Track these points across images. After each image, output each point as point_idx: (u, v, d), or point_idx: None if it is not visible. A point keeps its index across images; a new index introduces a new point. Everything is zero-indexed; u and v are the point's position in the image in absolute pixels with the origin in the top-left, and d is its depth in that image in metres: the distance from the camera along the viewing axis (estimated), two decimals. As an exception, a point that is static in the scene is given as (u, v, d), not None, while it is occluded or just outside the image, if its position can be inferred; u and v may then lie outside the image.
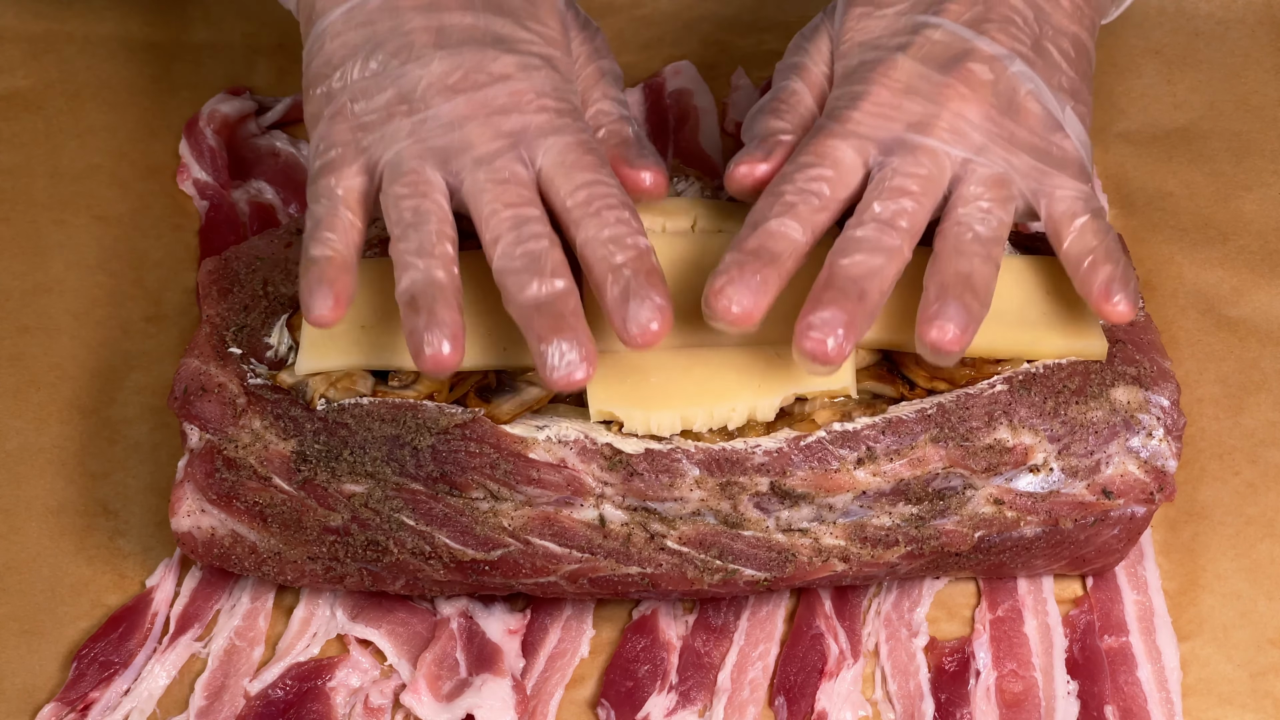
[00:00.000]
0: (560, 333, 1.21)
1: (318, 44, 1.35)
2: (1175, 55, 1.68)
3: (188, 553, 1.34)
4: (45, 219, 1.59)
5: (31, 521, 1.42)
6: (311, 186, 1.31)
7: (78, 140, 1.64)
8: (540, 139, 1.29)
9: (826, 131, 1.31)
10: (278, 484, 1.30)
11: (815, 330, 1.21)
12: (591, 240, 1.25)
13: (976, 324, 1.24)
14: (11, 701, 1.33)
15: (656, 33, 1.72)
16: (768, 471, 1.27)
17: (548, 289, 1.22)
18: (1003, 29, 1.33)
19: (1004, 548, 1.31)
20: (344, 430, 1.29)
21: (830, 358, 1.21)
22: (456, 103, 1.30)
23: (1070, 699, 1.31)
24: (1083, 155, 1.33)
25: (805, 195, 1.27)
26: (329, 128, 1.32)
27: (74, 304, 1.53)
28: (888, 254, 1.25)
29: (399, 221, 1.26)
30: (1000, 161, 1.30)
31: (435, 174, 1.28)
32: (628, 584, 1.29)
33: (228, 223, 1.58)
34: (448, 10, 1.33)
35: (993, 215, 1.28)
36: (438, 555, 1.28)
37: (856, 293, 1.23)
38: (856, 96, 1.32)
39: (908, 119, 1.31)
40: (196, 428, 1.31)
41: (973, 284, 1.24)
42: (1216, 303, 1.52)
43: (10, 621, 1.37)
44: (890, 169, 1.29)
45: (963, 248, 1.26)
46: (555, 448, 1.26)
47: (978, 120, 1.31)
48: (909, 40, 1.34)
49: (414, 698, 1.32)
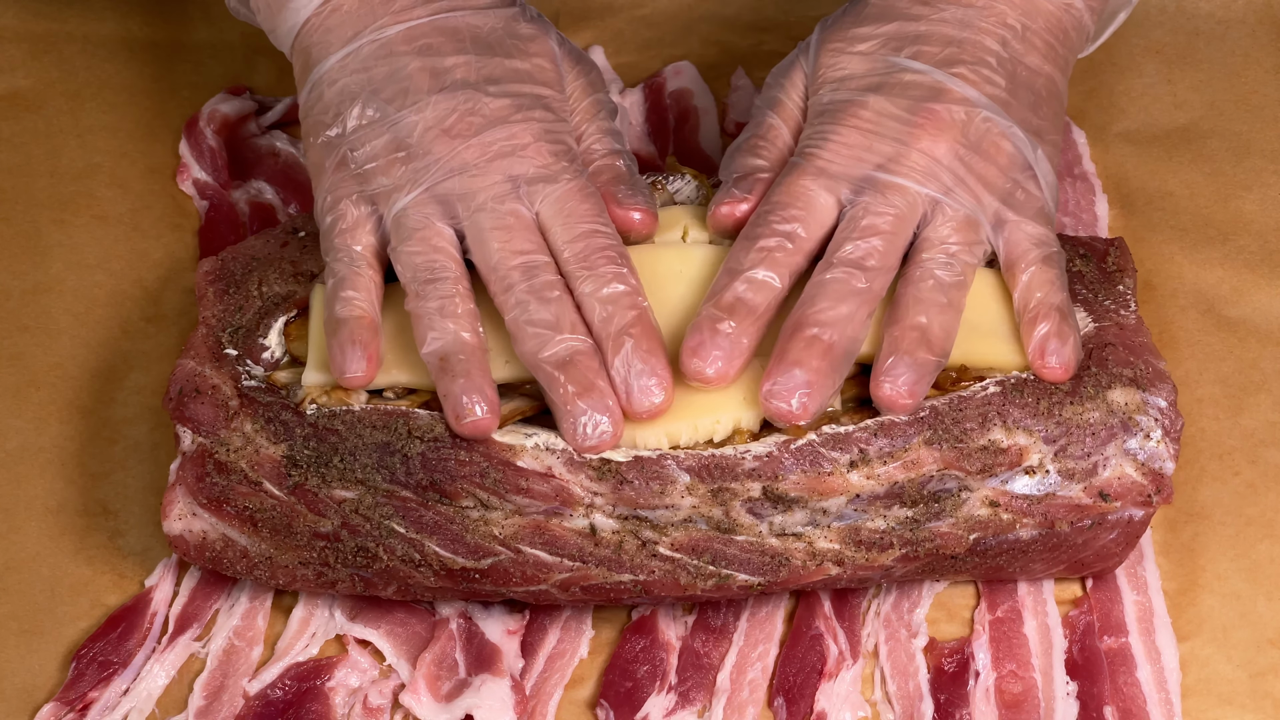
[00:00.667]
0: (589, 397, 1.24)
1: (315, 92, 1.36)
2: (1175, 55, 1.68)
3: (181, 555, 1.34)
4: (45, 219, 1.59)
5: (31, 521, 1.42)
6: (326, 242, 1.33)
7: (78, 140, 1.64)
8: (539, 184, 1.30)
9: (799, 171, 1.32)
10: (268, 489, 1.30)
11: (778, 396, 1.24)
12: (589, 298, 1.27)
13: (930, 378, 1.26)
14: (10, 701, 1.33)
15: (656, 33, 1.72)
16: (759, 476, 1.26)
17: (568, 348, 1.25)
18: (975, 70, 1.34)
19: (1000, 550, 1.31)
20: (334, 436, 1.29)
21: (795, 417, 1.24)
22: (454, 147, 1.31)
23: (1070, 700, 1.31)
24: (1047, 199, 1.34)
25: (780, 239, 1.29)
26: (334, 181, 1.33)
27: (74, 304, 1.53)
28: (858, 299, 1.26)
29: (415, 279, 1.29)
30: (969, 202, 1.31)
31: (443, 224, 1.30)
32: (620, 591, 1.29)
33: (228, 223, 1.58)
34: (442, 53, 1.34)
35: (958, 260, 1.29)
36: (428, 563, 1.28)
37: (823, 346, 1.25)
38: (827, 136, 1.33)
39: (878, 159, 1.32)
40: (189, 430, 1.31)
41: (928, 337, 1.26)
42: (1216, 303, 1.52)
43: (10, 621, 1.37)
44: (861, 207, 1.30)
45: (922, 296, 1.27)
46: (543, 455, 1.26)
47: (947, 160, 1.31)
48: (881, 81, 1.35)
49: (413, 698, 1.32)
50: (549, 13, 1.72)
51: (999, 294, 1.33)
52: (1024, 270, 1.31)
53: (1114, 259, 1.39)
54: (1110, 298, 1.36)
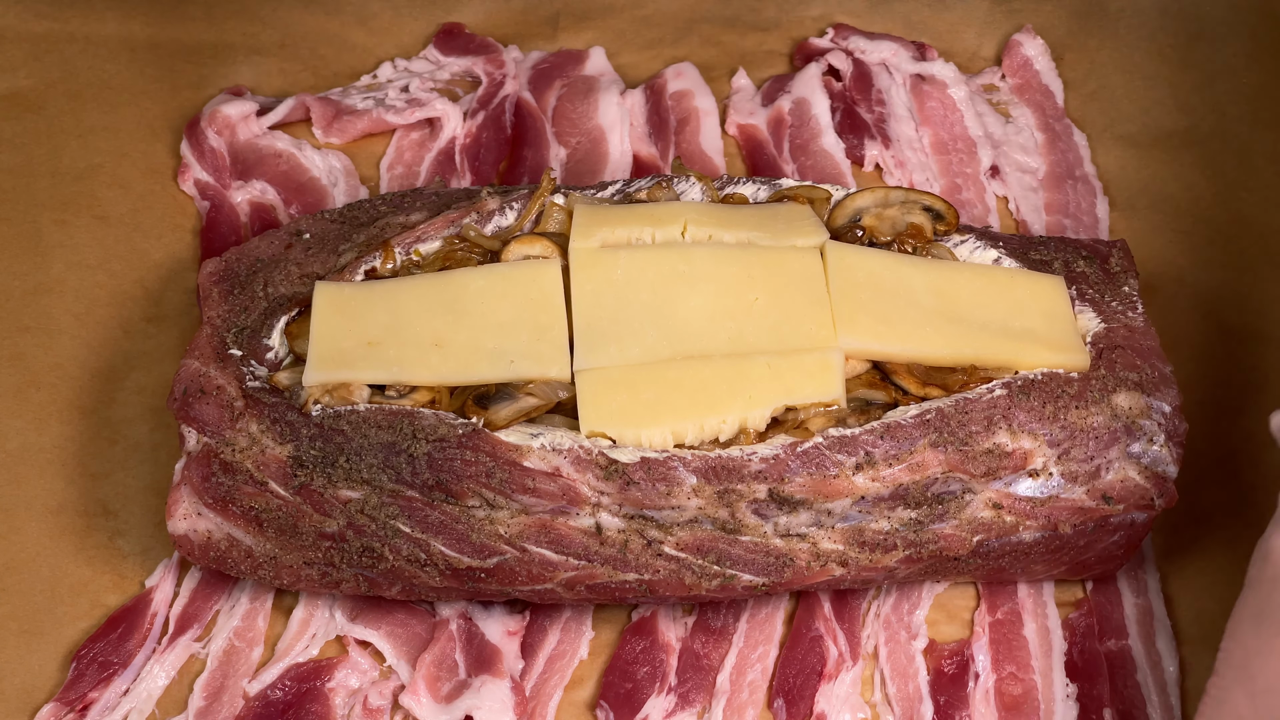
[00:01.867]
0: None
1: None
2: (1177, 57, 1.68)
3: (185, 555, 1.34)
4: (46, 219, 1.59)
5: (31, 521, 1.42)
6: None
7: (79, 140, 1.63)
8: None
9: None
10: (274, 489, 1.29)
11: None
12: None
13: None
14: (10, 701, 1.33)
15: (657, 33, 1.72)
16: (765, 478, 1.26)
17: None
18: None
19: (1003, 552, 1.31)
20: (340, 436, 1.29)
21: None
22: None
23: (1069, 702, 1.31)
24: None
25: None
26: None
27: (74, 304, 1.53)
28: None
29: None
30: None
31: None
32: (625, 590, 1.29)
33: (228, 223, 1.58)
34: None
35: None
36: (433, 562, 1.28)
37: None
38: None
39: None
40: (194, 430, 1.31)
41: None
42: (1217, 305, 1.52)
43: (9, 621, 1.37)
44: None
45: None
46: (550, 455, 1.26)
47: None
48: None
49: (413, 699, 1.32)
50: (549, 13, 1.72)
51: (1009, 294, 1.33)
52: None
53: (1117, 260, 1.39)
54: (1116, 299, 1.36)
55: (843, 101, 1.66)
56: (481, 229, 1.39)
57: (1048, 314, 1.33)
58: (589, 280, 1.33)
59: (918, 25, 1.72)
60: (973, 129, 1.63)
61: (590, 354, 1.29)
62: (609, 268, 1.33)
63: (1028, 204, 1.59)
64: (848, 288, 1.32)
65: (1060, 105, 1.65)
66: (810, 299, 1.32)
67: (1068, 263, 1.38)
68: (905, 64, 1.68)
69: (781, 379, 1.28)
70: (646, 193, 1.41)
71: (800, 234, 1.36)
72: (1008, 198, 1.60)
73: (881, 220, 1.39)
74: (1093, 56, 1.68)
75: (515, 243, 1.36)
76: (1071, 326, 1.33)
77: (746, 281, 1.33)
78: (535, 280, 1.33)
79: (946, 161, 1.62)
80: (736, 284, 1.32)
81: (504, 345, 1.30)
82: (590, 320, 1.31)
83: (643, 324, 1.31)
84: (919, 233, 1.38)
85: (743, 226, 1.36)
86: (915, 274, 1.34)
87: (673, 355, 1.29)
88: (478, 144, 1.63)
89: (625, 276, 1.33)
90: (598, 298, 1.32)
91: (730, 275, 1.33)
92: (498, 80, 1.67)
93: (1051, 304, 1.34)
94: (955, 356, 1.30)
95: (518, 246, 1.36)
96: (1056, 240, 1.41)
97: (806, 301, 1.32)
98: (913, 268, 1.34)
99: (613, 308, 1.32)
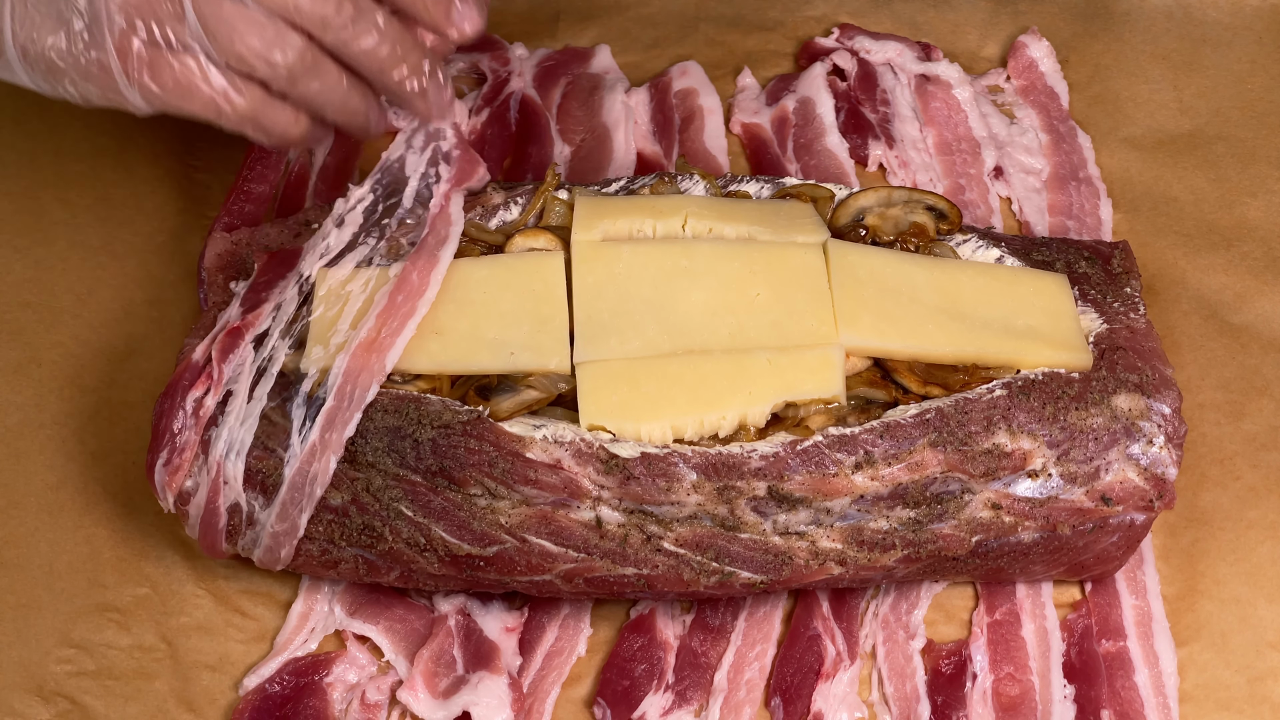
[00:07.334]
0: None
1: None
2: (1182, 61, 1.68)
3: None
4: (49, 196, 1.58)
5: (30, 497, 1.42)
6: None
7: (83, 121, 1.63)
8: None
9: None
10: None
11: None
12: None
13: None
14: (8, 674, 1.33)
15: (661, 32, 1.72)
16: (765, 476, 1.26)
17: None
18: None
19: (1001, 553, 1.31)
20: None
21: None
22: None
23: (1067, 703, 1.31)
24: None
25: None
26: None
27: (76, 284, 1.53)
28: None
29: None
30: None
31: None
32: (623, 584, 1.29)
33: (258, 198, 1.58)
34: None
35: None
36: (433, 547, 1.28)
37: None
38: None
39: None
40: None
41: None
42: (1219, 308, 1.52)
43: (7, 595, 1.37)
44: None
45: None
46: (551, 447, 1.26)
47: None
48: None
49: (411, 694, 1.32)
50: (552, 12, 1.72)
51: (1012, 292, 1.33)
52: None
53: (1119, 261, 1.39)
54: (1119, 300, 1.36)
55: (847, 101, 1.66)
56: (485, 223, 1.39)
57: (1051, 312, 1.33)
58: (590, 273, 1.33)
59: (921, 25, 1.72)
60: (977, 130, 1.63)
61: (590, 346, 1.29)
62: (611, 261, 1.33)
63: (1031, 205, 1.59)
64: (849, 283, 1.32)
65: (1065, 107, 1.65)
66: (812, 295, 1.32)
67: (1070, 263, 1.38)
68: (910, 64, 1.68)
69: (782, 375, 1.28)
70: (650, 190, 1.41)
71: (801, 231, 1.36)
72: (1011, 199, 1.60)
73: (884, 220, 1.39)
74: (1097, 59, 1.68)
75: (518, 235, 1.36)
76: (1075, 325, 1.32)
77: (748, 277, 1.33)
78: (537, 272, 1.34)
79: (950, 162, 1.62)
80: (738, 279, 1.33)
81: (505, 336, 1.30)
82: (591, 313, 1.31)
83: (643, 318, 1.31)
84: (922, 232, 1.38)
85: (744, 221, 1.36)
86: (917, 271, 1.34)
87: (673, 349, 1.29)
88: (482, 140, 1.63)
89: (627, 270, 1.33)
90: (599, 290, 1.32)
91: (732, 270, 1.33)
92: (503, 77, 1.67)
93: (1055, 302, 1.34)
94: (957, 354, 1.30)
95: (521, 239, 1.36)
96: (1059, 241, 1.41)
97: (808, 297, 1.32)
98: (915, 265, 1.34)
99: (614, 301, 1.32)
